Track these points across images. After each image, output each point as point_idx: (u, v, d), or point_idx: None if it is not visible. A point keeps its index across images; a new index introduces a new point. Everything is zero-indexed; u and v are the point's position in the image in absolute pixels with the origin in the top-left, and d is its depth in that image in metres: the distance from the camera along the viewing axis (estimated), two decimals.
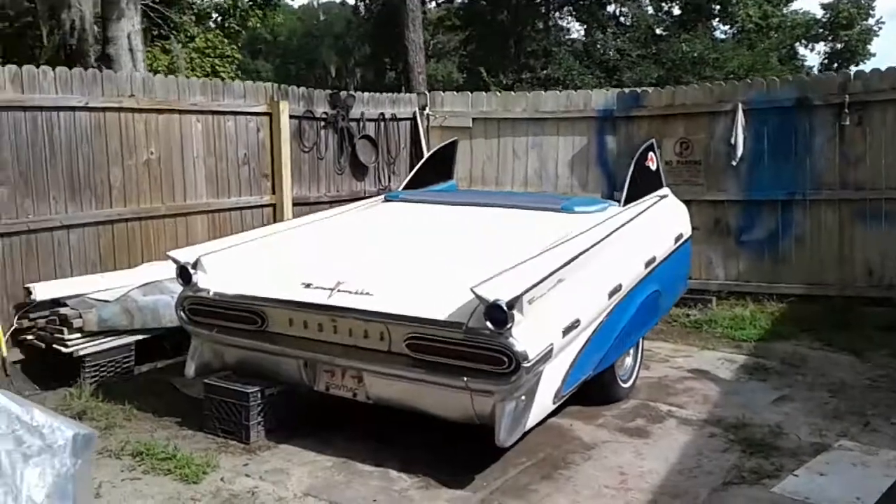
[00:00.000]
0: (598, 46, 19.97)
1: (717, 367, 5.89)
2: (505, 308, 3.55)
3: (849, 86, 7.00)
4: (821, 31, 27.78)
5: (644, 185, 5.68)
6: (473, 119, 8.70)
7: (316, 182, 7.69)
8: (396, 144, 8.59)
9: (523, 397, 3.76)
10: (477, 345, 3.71)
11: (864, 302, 7.00)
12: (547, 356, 3.76)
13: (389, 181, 8.49)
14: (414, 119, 8.79)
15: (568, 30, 24.16)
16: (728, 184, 7.58)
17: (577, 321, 4.01)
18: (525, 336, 3.64)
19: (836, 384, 5.40)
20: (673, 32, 18.92)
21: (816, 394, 5.23)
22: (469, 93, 8.93)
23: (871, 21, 27.88)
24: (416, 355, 3.92)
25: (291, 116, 7.31)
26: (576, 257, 4.14)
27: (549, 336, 3.80)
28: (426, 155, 6.70)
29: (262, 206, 7.08)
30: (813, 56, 26.41)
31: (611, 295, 4.39)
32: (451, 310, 3.81)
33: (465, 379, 3.73)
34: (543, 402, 3.93)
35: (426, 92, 8.96)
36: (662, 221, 5.50)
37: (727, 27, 22.43)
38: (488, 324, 3.61)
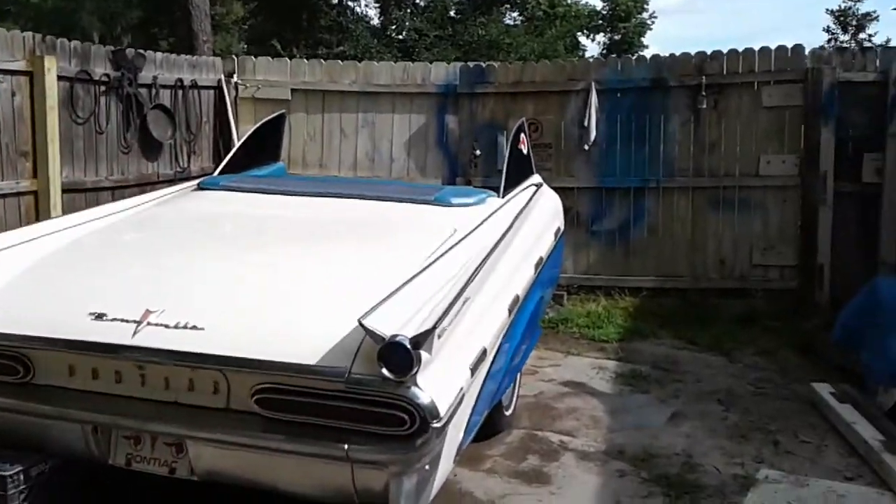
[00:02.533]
0: (395, 25, 19.70)
1: (591, 376, 5.23)
2: (409, 347, 2.51)
3: (705, 66, 6.63)
4: (601, 22, 29.18)
5: (519, 171, 4.85)
6: (293, 90, 7.44)
7: (94, 163, 6.07)
8: (198, 118, 7.11)
9: (427, 466, 2.74)
10: (364, 398, 2.64)
11: (717, 293, 6.72)
12: (458, 406, 2.78)
13: (189, 162, 7.01)
14: (219, 88, 7.36)
15: (365, 6, 23.31)
16: (579, 169, 7.00)
17: (484, 351, 3.06)
18: (433, 383, 2.62)
19: (722, 392, 4.93)
20: (468, 16, 19.02)
21: (707, 406, 4.71)
22: (287, 59, 7.64)
23: (645, 15, 29.74)
24: (270, 414, 2.76)
25: (61, 77, 5.64)
26: (479, 266, 3.19)
27: (459, 378, 2.81)
28: (250, 131, 5.40)
29: (18, 193, 5.38)
30: (594, 46, 27.86)
31: (510, 310, 3.48)
32: (322, 349, 2.69)
33: (346, 447, 2.65)
34: (446, 466, 2.94)
35: (234, 56, 7.56)
36: (543, 214, 4.70)
37: (516, 14, 23.13)
38: (384, 370, 2.55)
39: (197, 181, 4.63)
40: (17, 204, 5.41)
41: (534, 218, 4.46)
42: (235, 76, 7.43)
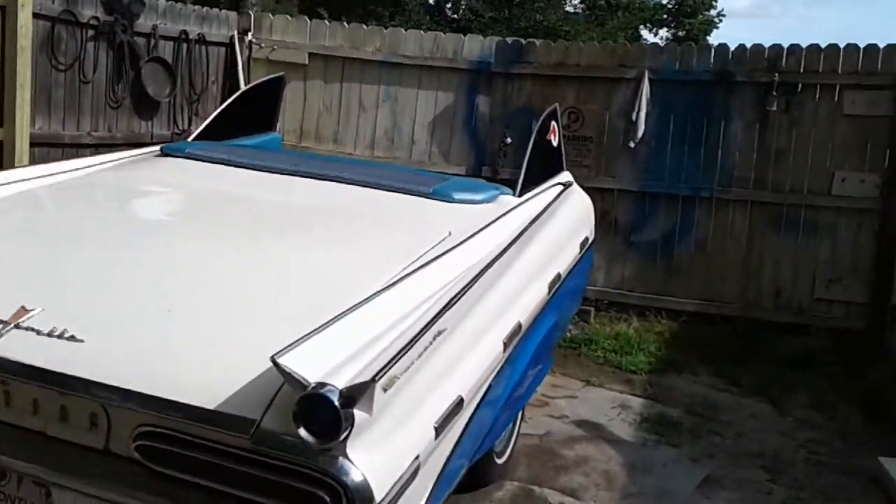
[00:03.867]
0: (451, 3, 19.15)
1: (612, 417, 4.41)
2: (337, 403, 1.75)
3: (779, 62, 5.71)
4: (665, 16, 28.04)
5: (544, 167, 4.04)
6: (310, 54, 6.69)
7: (75, 115, 5.40)
8: (204, 76, 6.42)
9: None
10: (274, 464, 1.88)
11: (769, 327, 5.82)
12: (409, 482, 2.01)
13: (190, 124, 6.31)
14: (231, 45, 6.66)
15: None
16: (622, 169, 6.13)
17: (460, 401, 2.28)
18: (371, 454, 1.85)
19: (768, 455, 4.07)
20: None
21: (748, 472, 3.86)
22: (307, 19, 6.89)
23: (713, 13, 28.54)
24: (154, 466, 2.02)
25: (40, 16, 4.99)
26: (470, 285, 2.41)
27: (413, 445, 2.04)
28: (238, 92, 4.68)
29: None
30: (656, 41, 26.82)
31: (507, 343, 2.69)
32: (227, 390, 1.94)
33: None
34: None
35: (250, 11, 6.85)
36: (568, 221, 3.87)
37: (577, 1, 22.38)
38: (302, 430, 1.79)
39: (160, 147, 3.90)
40: None
41: (556, 224, 3.65)
42: (250, 34, 6.72)
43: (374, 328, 2.03)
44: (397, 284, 2.31)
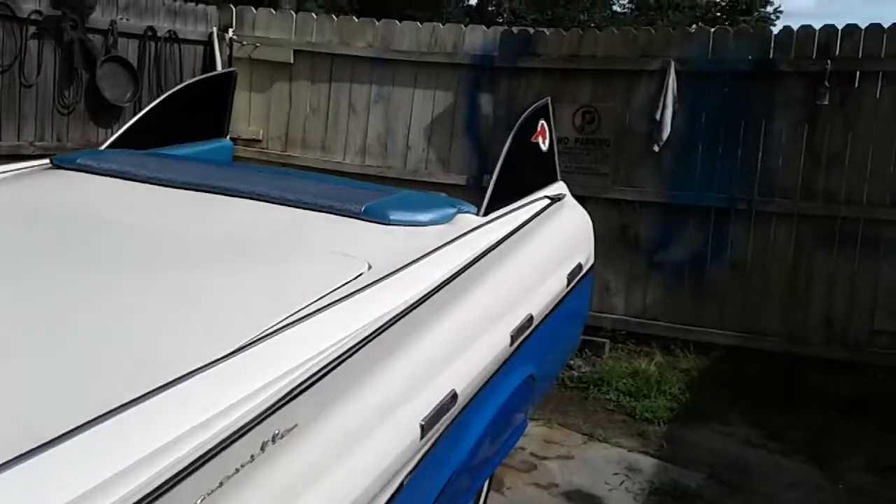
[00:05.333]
0: (493, 6, 18.44)
1: (613, 486, 3.57)
2: None
3: (833, 48, 4.77)
4: (719, 14, 26.87)
5: (527, 176, 3.24)
6: (296, 52, 6.02)
7: (14, 123, 4.81)
8: (176, 78, 5.78)
9: None
10: None
11: (819, 365, 4.87)
12: None
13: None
14: (209, 44, 6.03)
15: None
16: (644, 177, 5.26)
17: None
18: None
19: None
20: None
21: None
22: (293, 13, 6.22)
23: (769, 9, 27.27)
24: None
25: None
26: (352, 351, 1.66)
27: None
28: (172, 90, 3.98)
29: None
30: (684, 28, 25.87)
31: (428, 427, 1.91)
32: None
33: None
34: None
35: (232, 6, 6.22)
36: (552, 245, 3.05)
37: (625, 1, 21.53)
38: None
39: (49, 158, 3.22)
40: None
41: (532, 250, 2.84)
42: (231, 30, 6.08)
43: (135, 449, 1.27)
44: (225, 361, 1.55)
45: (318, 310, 1.84)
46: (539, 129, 3.35)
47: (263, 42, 6.06)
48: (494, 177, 2.86)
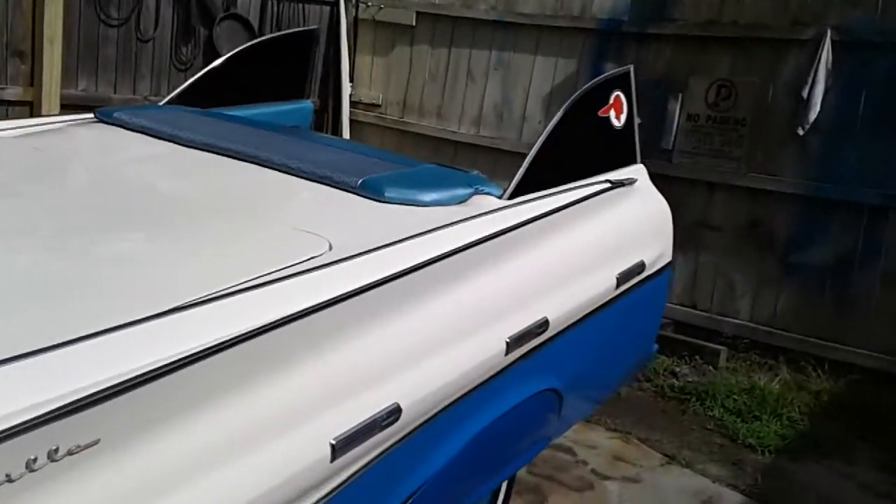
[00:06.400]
0: None
1: None
2: None
3: None
4: None
5: (586, 156, 2.78)
6: (418, 14, 5.78)
7: (130, 77, 4.93)
8: None
9: None
10: None
11: None
12: None
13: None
14: (335, 3, 5.91)
15: None
16: (785, 164, 4.52)
17: None
18: None
19: None
20: None
21: None
22: None
23: None
24: None
25: None
26: (216, 351, 1.37)
27: None
28: (244, 45, 3.84)
29: (5, 102, 4.39)
30: None
31: (341, 449, 1.58)
32: None
33: None
34: None
35: None
36: (595, 238, 2.57)
37: None
38: None
39: (94, 112, 3.17)
40: (5, 114, 4.43)
41: (565, 242, 2.41)
42: None
43: None
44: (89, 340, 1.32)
45: (233, 293, 1.57)
46: (612, 101, 2.85)
47: (388, 3, 5.86)
48: (531, 154, 2.43)
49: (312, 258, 1.76)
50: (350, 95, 6.13)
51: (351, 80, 6.13)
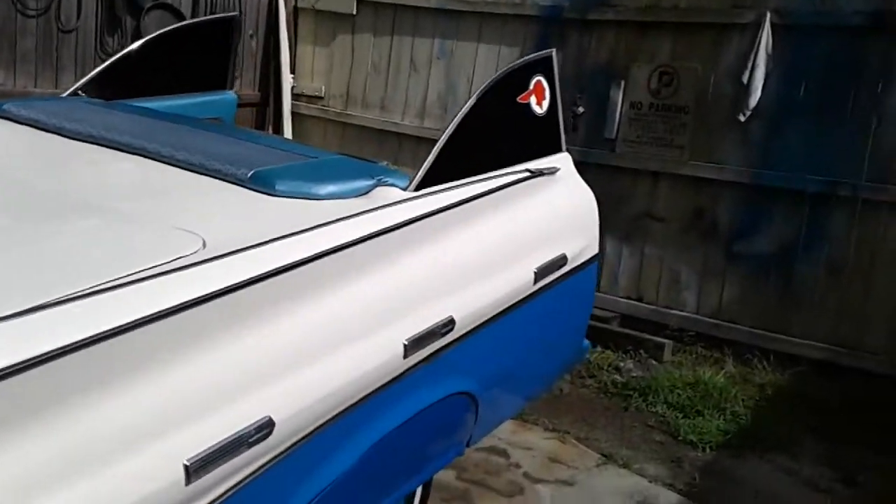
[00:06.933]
0: None
1: None
2: None
3: None
4: None
5: (504, 145, 2.64)
6: (359, 2, 5.60)
7: (52, 69, 4.71)
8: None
9: None
10: None
11: None
12: None
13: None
14: None
15: None
16: (727, 152, 4.42)
17: None
18: None
19: None
20: None
21: None
22: None
23: None
24: None
25: None
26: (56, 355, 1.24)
27: None
28: (156, 33, 3.63)
29: None
30: None
31: (198, 470, 1.43)
32: None
33: None
34: None
35: None
36: (508, 231, 2.43)
37: None
38: None
39: None
40: None
41: (473, 236, 2.27)
42: None
43: None
44: None
45: (92, 293, 1.42)
46: (532, 86, 2.73)
47: None
48: (439, 144, 2.29)
49: (182, 257, 1.61)
50: (292, 88, 5.96)
51: (292, 72, 5.96)
